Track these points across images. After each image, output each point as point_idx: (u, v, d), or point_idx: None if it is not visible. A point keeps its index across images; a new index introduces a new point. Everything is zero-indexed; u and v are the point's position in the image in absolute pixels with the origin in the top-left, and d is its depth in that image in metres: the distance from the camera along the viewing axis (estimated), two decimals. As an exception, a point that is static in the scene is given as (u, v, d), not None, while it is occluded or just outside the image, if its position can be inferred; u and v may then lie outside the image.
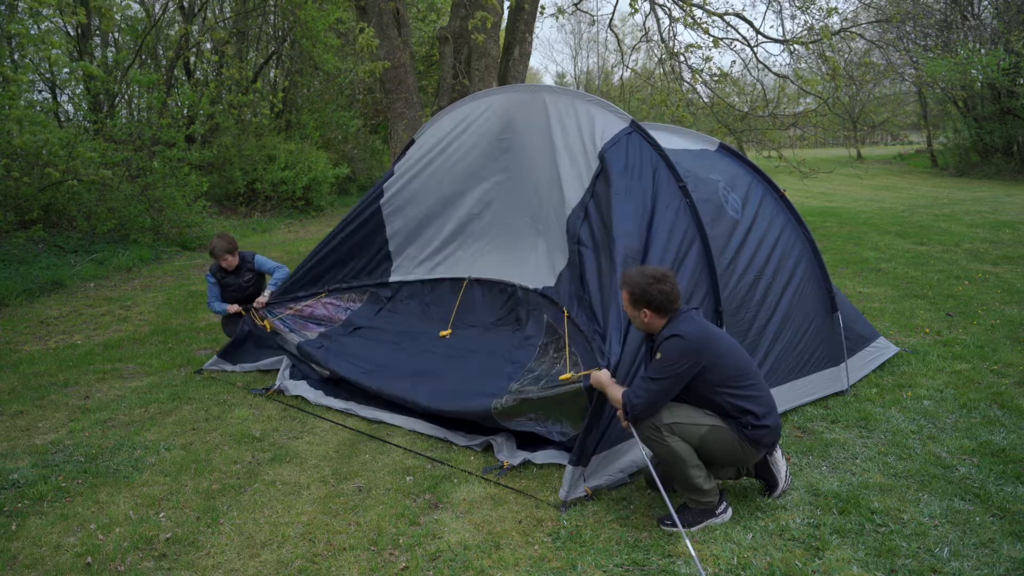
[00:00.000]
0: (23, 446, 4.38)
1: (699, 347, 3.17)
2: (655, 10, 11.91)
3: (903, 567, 2.90)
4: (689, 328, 3.21)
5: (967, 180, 21.43)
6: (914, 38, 18.82)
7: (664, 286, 3.24)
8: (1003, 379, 4.88)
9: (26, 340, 7.00)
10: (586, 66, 47.69)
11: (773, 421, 3.26)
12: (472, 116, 5.29)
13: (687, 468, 3.20)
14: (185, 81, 16.45)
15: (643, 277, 3.28)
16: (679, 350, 3.16)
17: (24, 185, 10.20)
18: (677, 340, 3.18)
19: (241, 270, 5.99)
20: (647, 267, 3.42)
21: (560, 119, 4.76)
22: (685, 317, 3.29)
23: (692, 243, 4.22)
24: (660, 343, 3.25)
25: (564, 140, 4.69)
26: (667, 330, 3.27)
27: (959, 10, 21.33)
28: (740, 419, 3.21)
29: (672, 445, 3.18)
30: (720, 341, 3.27)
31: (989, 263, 8.63)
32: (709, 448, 3.22)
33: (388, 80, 9.44)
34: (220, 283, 5.98)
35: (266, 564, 3.10)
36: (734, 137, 13.42)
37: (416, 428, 4.47)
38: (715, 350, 3.20)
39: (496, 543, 3.19)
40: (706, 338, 3.21)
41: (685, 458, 3.19)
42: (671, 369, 3.15)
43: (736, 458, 3.31)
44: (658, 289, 3.23)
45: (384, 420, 4.61)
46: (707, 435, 3.20)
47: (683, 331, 3.19)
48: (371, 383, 4.76)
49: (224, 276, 5.98)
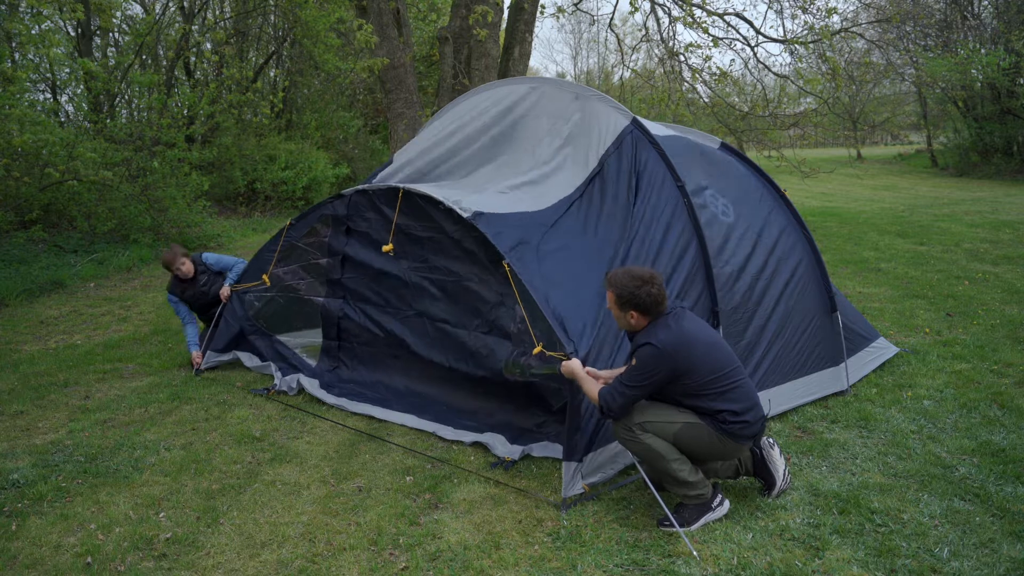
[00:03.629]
0: (23, 446, 4.38)
1: (674, 355, 3.15)
2: (655, 10, 11.91)
3: (903, 567, 2.90)
4: (664, 336, 3.17)
5: (967, 180, 21.43)
6: (914, 38, 18.80)
7: (652, 288, 3.22)
8: (1003, 379, 4.88)
9: (26, 340, 7.00)
10: (586, 66, 47.69)
11: (753, 416, 3.25)
12: (474, 110, 5.25)
13: (667, 463, 3.20)
14: (185, 81, 16.45)
15: (630, 279, 3.25)
16: (653, 358, 3.15)
17: (24, 185, 10.19)
18: (650, 349, 3.16)
19: (198, 275, 5.87)
20: (633, 268, 3.37)
21: (565, 114, 4.76)
22: (664, 322, 3.25)
23: (689, 242, 4.24)
24: (635, 348, 3.24)
25: (567, 133, 4.68)
26: (643, 335, 3.24)
27: (959, 10, 21.32)
28: (716, 416, 3.21)
29: (647, 442, 3.20)
30: (696, 346, 3.20)
31: (989, 263, 8.63)
32: (685, 444, 3.22)
33: (388, 80, 9.45)
34: (182, 298, 5.87)
35: (266, 564, 3.10)
36: (734, 137, 13.43)
37: (405, 423, 4.51)
38: (691, 356, 3.17)
39: (496, 543, 3.19)
40: (681, 344, 3.17)
41: (663, 453, 3.20)
42: (644, 377, 3.17)
43: (717, 452, 3.28)
44: (646, 292, 3.22)
45: (375, 415, 4.66)
46: (680, 432, 3.21)
47: (658, 339, 3.17)
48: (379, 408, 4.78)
49: (184, 291, 5.86)
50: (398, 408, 4.68)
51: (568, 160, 4.69)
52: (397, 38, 9.35)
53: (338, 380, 5.16)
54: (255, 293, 5.61)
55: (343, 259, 5.16)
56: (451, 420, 4.44)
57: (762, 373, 4.34)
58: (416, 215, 4.63)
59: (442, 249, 4.52)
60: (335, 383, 5.13)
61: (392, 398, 4.84)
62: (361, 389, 5.01)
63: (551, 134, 4.84)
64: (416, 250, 4.68)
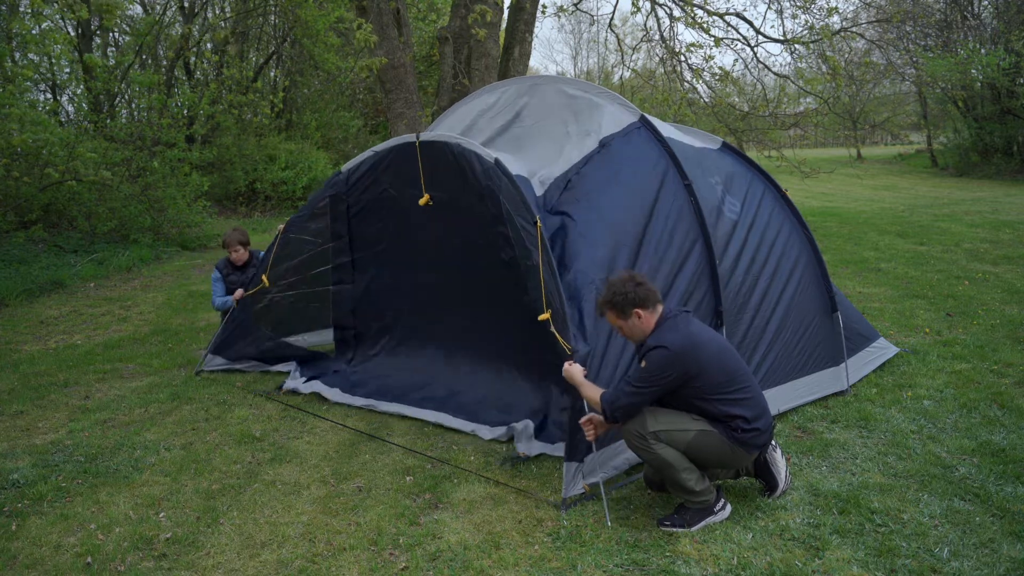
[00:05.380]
0: (23, 446, 4.38)
1: (685, 358, 3.14)
2: (656, 10, 11.91)
3: (903, 567, 2.90)
4: (675, 338, 3.17)
5: (967, 180, 21.43)
6: (914, 38, 18.80)
7: (637, 279, 3.26)
8: (1003, 379, 4.88)
9: (26, 340, 7.00)
10: (586, 66, 47.71)
11: (764, 423, 3.24)
12: (480, 109, 5.23)
13: (678, 472, 3.18)
14: (185, 81, 16.45)
15: (615, 286, 3.26)
16: (665, 361, 3.14)
17: (24, 185, 10.20)
18: (662, 351, 3.15)
19: (247, 267, 5.95)
20: (609, 281, 3.37)
21: (572, 108, 4.74)
22: (672, 324, 3.24)
23: (695, 242, 4.22)
24: (646, 352, 3.22)
25: (572, 125, 4.67)
26: (654, 338, 3.23)
27: (959, 10, 21.32)
28: (729, 423, 3.19)
29: (660, 452, 3.17)
30: (706, 348, 3.20)
31: (989, 263, 8.63)
32: (698, 453, 3.20)
33: (388, 80, 9.44)
34: (225, 280, 5.95)
35: (266, 564, 3.10)
36: (735, 137, 13.43)
37: (441, 422, 4.56)
38: (701, 359, 3.16)
39: (496, 543, 3.19)
40: (692, 347, 3.16)
41: (675, 463, 3.17)
42: (654, 380, 3.15)
43: (727, 460, 3.28)
44: (635, 284, 3.23)
45: (405, 414, 4.70)
46: (694, 440, 3.18)
47: (669, 341, 3.16)
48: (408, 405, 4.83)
49: (230, 273, 5.95)
50: (431, 407, 4.72)
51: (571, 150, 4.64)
52: (397, 38, 9.34)
53: (361, 379, 5.19)
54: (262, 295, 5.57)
55: (350, 239, 5.17)
56: (483, 416, 4.52)
57: (763, 373, 4.34)
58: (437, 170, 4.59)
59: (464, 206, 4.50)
60: (359, 384, 5.15)
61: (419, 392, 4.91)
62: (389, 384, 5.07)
63: (556, 134, 4.81)
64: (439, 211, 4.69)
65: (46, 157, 10.22)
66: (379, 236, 5.26)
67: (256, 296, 5.50)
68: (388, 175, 4.92)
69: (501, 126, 4.96)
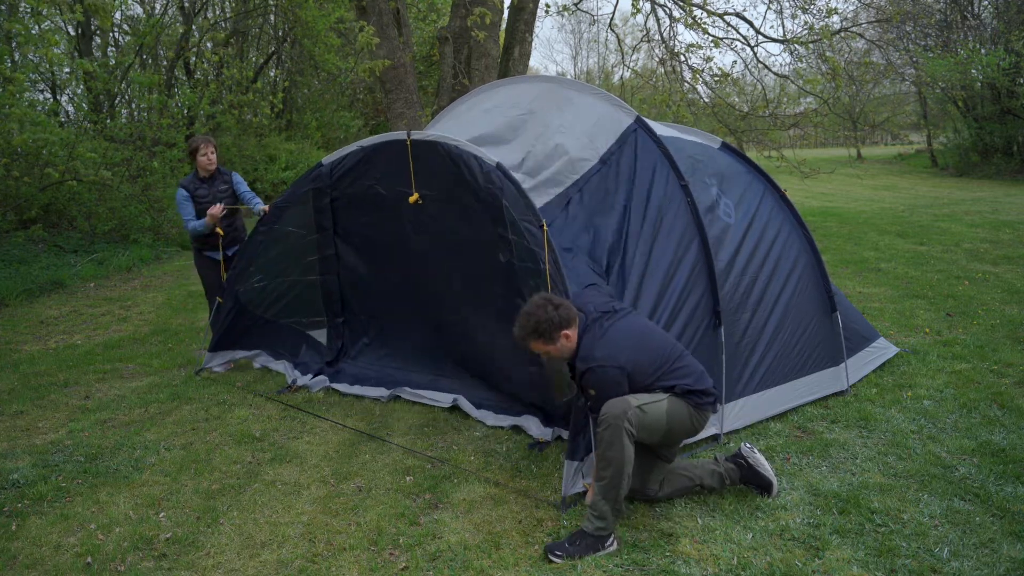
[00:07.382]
0: (23, 446, 4.38)
1: (620, 365, 3.16)
2: (656, 10, 11.91)
3: (903, 567, 2.90)
4: (602, 353, 3.18)
5: (967, 180, 21.43)
6: (914, 38, 18.78)
7: (554, 301, 3.21)
8: (1003, 379, 4.88)
9: (26, 340, 7.00)
10: (586, 66, 47.73)
11: (708, 383, 3.29)
12: (480, 108, 5.23)
13: (625, 475, 3.08)
14: (185, 81, 16.45)
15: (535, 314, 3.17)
16: (608, 377, 3.15)
17: (24, 185, 10.20)
18: (600, 371, 3.16)
19: (215, 180, 5.66)
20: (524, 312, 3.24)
21: (573, 109, 4.76)
22: (591, 336, 3.23)
23: (691, 242, 4.24)
24: (582, 376, 3.22)
25: (571, 128, 4.68)
26: (581, 359, 3.21)
27: (959, 10, 21.33)
28: (680, 395, 3.22)
29: (627, 443, 3.07)
30: (628, 345, 3.22)
31: (989, 263, 8.63)
32: (672, 421, 3.20)
33: (388, 80, 9.44)
34: (193, 196, 5.62)
35: (266, 564, 3.10)
36: (735, 137, 13.43)
37: (460, 405, 4.70)
38: (634, 358, 3.20)
39: (496, 543, 3.19)
40: (619, 352, 3.19)
41: (628, 462, 3.08)
42: (612, 394, 3.16)
43: (695, 425, 3.29)
44: (554, 307, 3.18)
45: (425, 399, 4.84)
46: (669, 407, 3.20)
47: (599, 359, 3.16)
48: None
49: (198, 187, 5.63)
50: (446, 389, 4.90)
51: (567, 160, 4.66)
52: (397, 38, 9.35)
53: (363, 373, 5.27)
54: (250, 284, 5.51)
55: (335, 230, 5.24)
56: (488, 405, 4.64)
57: (762, 373, 4.34)
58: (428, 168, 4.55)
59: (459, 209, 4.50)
60: (362, 379, 5.23)
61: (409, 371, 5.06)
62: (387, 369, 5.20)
63: (553, 140, 4.81)
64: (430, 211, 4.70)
65: (46, 157, 10.23)
66: (365, 230, 5.26)
67: (245, 284, 5.41)
68: (376, 171, 4.90)
69: (499, 126, 4.94)
